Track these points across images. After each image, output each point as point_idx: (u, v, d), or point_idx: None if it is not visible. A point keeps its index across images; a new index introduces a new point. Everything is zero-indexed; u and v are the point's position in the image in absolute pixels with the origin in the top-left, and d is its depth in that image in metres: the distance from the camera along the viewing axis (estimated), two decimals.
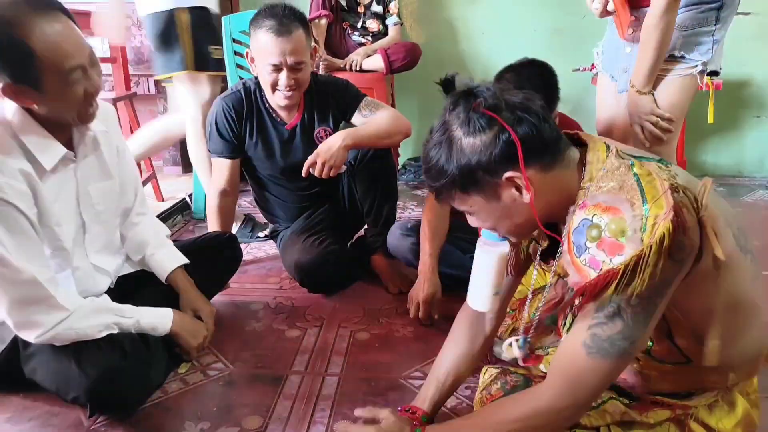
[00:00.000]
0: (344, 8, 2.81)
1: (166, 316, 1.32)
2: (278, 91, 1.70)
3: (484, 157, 0.81)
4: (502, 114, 0.81)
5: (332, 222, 1.95)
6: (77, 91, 1.12)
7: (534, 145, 0.81)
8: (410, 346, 1.48)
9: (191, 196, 2.60)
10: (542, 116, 0.83)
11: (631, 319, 0.77)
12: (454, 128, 0.84)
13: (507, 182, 0.83)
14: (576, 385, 0.81)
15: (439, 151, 0.85)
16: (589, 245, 0.77)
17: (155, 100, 3.18)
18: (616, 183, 0.79)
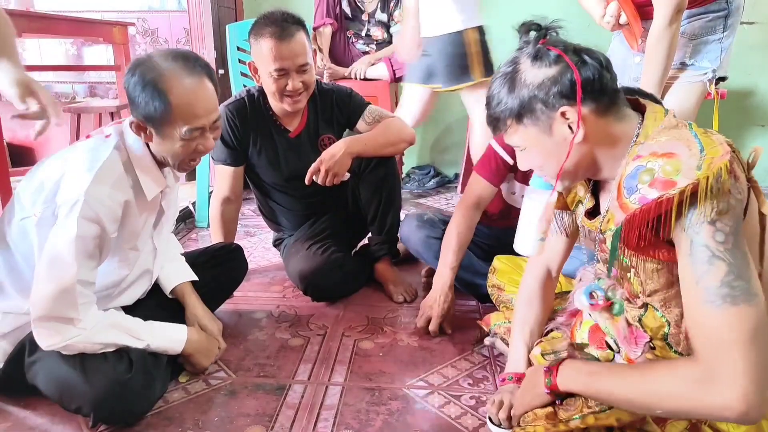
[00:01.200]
0: (348, 17, 2.82)
1: (179, 340, 1.31)
2: (286, 97, 1.69)
3: (545, 89, 0.86)
4: (568, 53, 0.86)
5: (336, 230, 1.94)
6: (190, 146, 1.20)
7: (593, 87, 0.85)
8: (414, 356, 1.47)
9: (194, 204, 2.60)
10: (605, 65, 0.87)
11: (730, 255, 0.73)
12: (522, 60, 0.89)
13: (561, 117, 0.86)
14: (730, 350, 0.72)
15: (504, 81, 0.90)
16: (640, 186, 0.79)
17: None
18: (673, 136, 0.80)
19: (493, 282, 1.53)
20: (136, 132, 1.20)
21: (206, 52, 2.85)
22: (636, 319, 0.92)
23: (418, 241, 1.74)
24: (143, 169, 1.23)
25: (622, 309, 0.93)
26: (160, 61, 1.14)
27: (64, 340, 1.13)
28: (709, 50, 1.54)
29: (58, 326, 1.12)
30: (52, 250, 1.10)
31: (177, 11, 3.23)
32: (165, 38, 3.31)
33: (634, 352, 0.94)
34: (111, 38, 2.63)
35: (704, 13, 1.53)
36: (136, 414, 1.20)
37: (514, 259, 1.53)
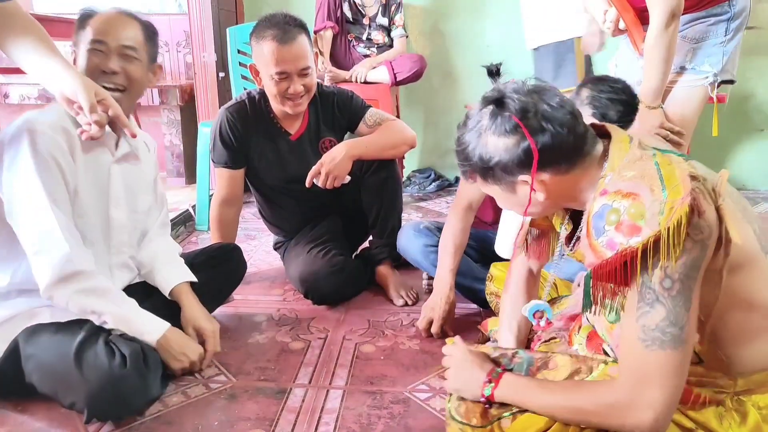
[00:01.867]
0: (349, 20, 2.83)
1: (159, 328, 1.29)
2: (287, 100, 1.69)
3: (504, 158, 0.87)
4: (528, 121, 0.85)
5: (337, 233, 1.94)
6: (92, 59, 1.25)
7: (552, 154, 0.86)
8: (416, 359, 1.46)
9: (194, 207, 2.59)
10: (568, 125, 0.86)
11: (671, 302, 0.78)
12: (485, 123, 0.89)
13: (522, 182, 0.89)
14: (648, 383, 0.80)
15: (469, 137, 0.91)
16: (607, 228, 0.81)
17: (159, 110, 3.19)
18: (637, 171, 0.82)
19: (490, 289, 1.53)
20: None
21: (207, 55, 2.84)
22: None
23: (416, 251, 1.74)
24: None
25: (618, 317, 0.93)
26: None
27: (59, 276, 1.15)
28: (710, 54, 1.55)
29: (50, 258, 1.15)
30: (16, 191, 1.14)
31: (177, 14, 3.24)
32: (165, 41, 3.31)
33: None
34: None
35: (706, 17, 1.54)
36: (131, 409, 1.19)
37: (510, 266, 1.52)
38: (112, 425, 1.19)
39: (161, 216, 1.53)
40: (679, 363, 0.80)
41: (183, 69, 3.34)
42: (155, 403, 1.26)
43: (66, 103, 1.12)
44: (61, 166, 1.19)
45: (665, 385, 0.80)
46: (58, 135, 1.18)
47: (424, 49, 3.22)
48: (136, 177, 1.40)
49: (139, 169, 1.41)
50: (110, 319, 1.22)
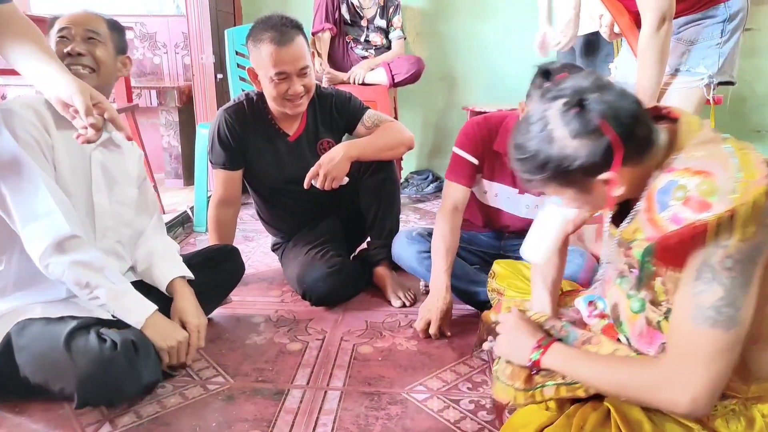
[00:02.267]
0: (348, 22, 2.83)
1: (147, 309, 1.29)
2: (287, 101, 1.69)
3: (587, 160, 0.84)
4: (607, 119, 0.82)
5: (335, 234, 1.94)
6: (59, 47, 1.29)
7: (631, 149, 0.83)
8: (413, 360, 1.46)
9: (192, 208, 2.59)
10: (638, 116, 0.85)
11: (730, 283, 0.76)
12: (555, 126, 0.85)
13: (600, 182, 0.86)
14: (694, 363, 0.79)
15: (536, 145, 0.87)
16: (672, 203, 0.78)
17: (157, 112, 3.19)
18: (709, 152, 0.80)
19: (493, 286, 1.52)
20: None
21: (205, 56, 2.85)
22: (655, 321, 0.93)
23: (410, 258, 1.74)
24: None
25: (643, 307, 0.94)
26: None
27: (52, 239, 1.17)
28: (705, 55, 1.55)
29: (42, 226, 1.17)
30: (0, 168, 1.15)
31: (175, 15, 3.25)
32: (163, 42, 3.32)
33: (648, 352, 0.94)
34: None
35: (701, 19, 1.54)
36: (121, 394, 1.19)
37: (514, 264, 1.53)
38: (109, 426, 1.19)
39: (154, 219, 1.54)
40: (728, 346, 0.78)
41: (181, 70, 3.34)
42: (152, 404, 1.26)
43: (62, 107, 1.13)
44: (39, 142, 1.20)
45: (709, 366, 0.78)
46: (29, 113, 1.20)
47: (422, 50, 3.23)
48: (117, 166, 1.40)
49: (120, 159, 1.41)
50: (103, 294, 1.22)
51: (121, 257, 1.43)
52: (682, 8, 1.50)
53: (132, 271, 1.47)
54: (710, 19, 1.52)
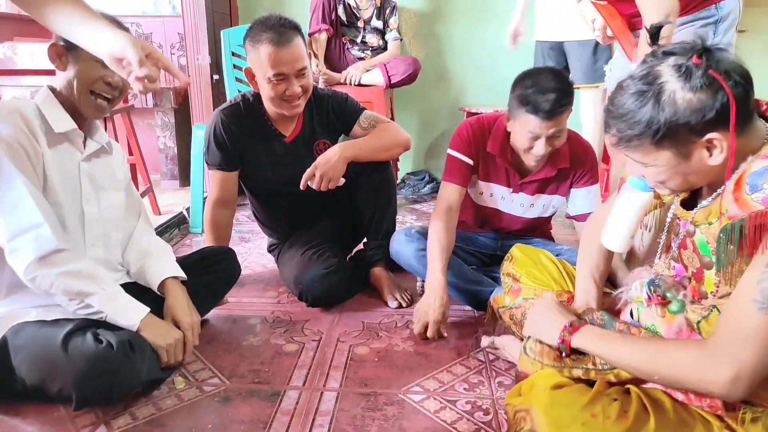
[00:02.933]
0: (344, 23, 2.83)
1: (141, 311, 1.29)
2: (285, 102, 1.69)
3: (697, 116, 0.80)
4: (722, 75, 0.80)
5: (331, 235, 1.94)
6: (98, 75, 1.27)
7: (743, 110, 0.81)
8: (410, 361, 1.46)
9: (188, 209, 2.58)
10: (748, 79, 0.83)
11: None
12: (668, 79, 0.82)
13: (705, 143, 0.82)
14: (744, 344, 0.78)
15: (643, 100, 0.83)
16: (766, 186, 0.78)
17: (153, 113, 3.19)
18: None
19: (508, 270, 1.48)
20: (54, 58, 1.25)
21: (201, 57, 2.84)
22: (696, 321, 0.92)
23: (409, 255, 1.73)
24: (48, 108, 1.26)
25: (682, 308, 0.94)
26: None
27: (37, 254, 1.16)
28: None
29: (27, 240, 1.16)
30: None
31: (171, 16, 3.24)
32: (159, 43, 3.31)
33: None
34: None
35: (693, 20, 1.54)
36: (118, 393, 1.19)
37: (535, 252, 1.48)
38: (105, 428, 1.18)
39: (141, 220, 1.53)
40: None
41: None
42: (148, 406, 1.26)
43: (116, 63, 1.07)
44: (26, 149, 1.19)
45: (760, 351, 0.77)
46: (17, 119, 1.20)
47: (418, 51, 3.23)
48: (106, 173, 1.40)
49: (108, 166, 1.41)
50: (97, 300, 1.22)
51: (111, 265, 1.41)
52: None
53: (125, 273, 1.46)
54: (702, 20, 1.53)
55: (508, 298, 1.40)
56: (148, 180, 2.68)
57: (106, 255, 1.39)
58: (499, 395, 1.29)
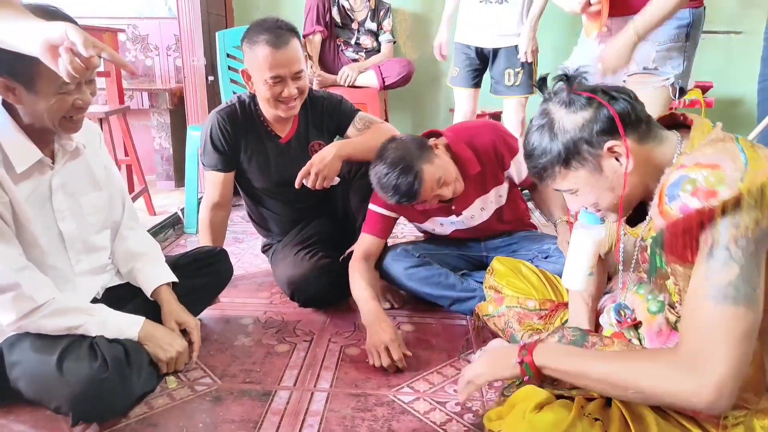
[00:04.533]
0: (339, 24, 2.84)
1: (136, 322, 1.30)
2: (281, 103, 1.69)
3: (587, 131, 0.90)
4: (597, 94, 0.91)
5: (325, 235, 1.94)
6: (66, 101, 1.15)
7: (629, 118, 0.89)
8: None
9: (183, 210, 2.59)
10: (633, 96, 0.91)
11: (745, 261, 0.76)
12: (555, 110, 0.93)
13: (608, 153, 0.89)
14: (712, 342, 0.76)
15: (541, 133, 0.94)
16: (681, 194, 0.80)
17: (149, 114, 3.19)
18: (718, 149, 0.82)
19: (490, 283, 1.51)
20: (4, 94, 1.14)
21: (196, 59, 2.85)
22: (673, 321, 0.95)
23: (398, 275, 1.72)
24: (7, 140, 1.17)
25: (661, 308, 0.95)
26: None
27: (16, 317, 1.16)
28: (671, 57, 1.60)
29: (6, 300, 1.15)
30: None
31: (167, 18, 3.25)
32: (155, 44, 3.32)
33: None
34: None
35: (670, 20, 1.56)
36: (113, 411, 1.20)
37: (514, 262, 1.52)
38: (97, 426, 1.19)
39: (127, 208, 1.48)
40: (750, 326, 0.76)
41: (173, 73, 3.34)
42: (140, 405, 1.26)
43: (50, 52, 0.97)
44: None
45: (734, 348, 0.75)
46: None
47: (412, 53, 3.25)
48: (82, 175, 1.33)
49: (83, 166, 1.34)
50: (89, 328, 1.22)
51: (98, 269, 1.40)
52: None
53: (115, 273, 1.46)
54: (677, 21, 1.56)
55: (491, 307, 1.43)
56: (144, 181, 2.69)
57: (92, 264, 1.37)
58: (489, 397, 1.30)
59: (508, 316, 1.35)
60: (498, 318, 1.38)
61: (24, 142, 1.19)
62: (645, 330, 0.99)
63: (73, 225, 1.31)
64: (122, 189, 1.49)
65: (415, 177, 1.47)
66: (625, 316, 1.03)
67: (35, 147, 1.21)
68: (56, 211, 1.27)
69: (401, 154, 1.50)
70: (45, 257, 1.25)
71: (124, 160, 2.73)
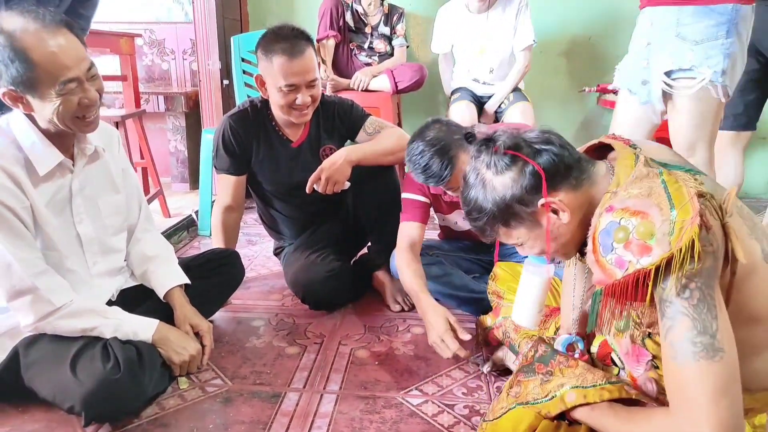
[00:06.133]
0: (352, 29, 2.86)
1: (150, 324, 1.32)
2: (294, 110, 1.71)
3: (517, 191, 0.90)
4: (522, 150, 0.89)
5: (336, 238, 1.96)
6: (72, 101, 1.17)
7: (557, 171, 0.89)
8: (410, 364, 1.48)
9: (197, 212, 2.62)
10: (560, 144, 0.91)
11: (693, 310, 0.76)
12: (484, 171, 0.93)
13: (543, 208, 0.89)
14: (691, 402, 0.76)
15: (475, 193, 0.95)
16: (616, 246, 0.80)
17: (164, 117, 3.23)
18: (644, 189, 0.83)
19: (492, 288, 1.54)
20: (13, 104, 1.17)
21: (211, 62, 2.89)
22: (640, 338, 0.94)
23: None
24: (28, 144, 1.20)
25: (627, 326, 0.95)
26: (8, 23, 1.11)
27: (34, 319, 1.19)
28: (710, 56, 1.50)
29: (25, 302, 1.18)
30: None
31: (184, 22, 3.29)
32: (171, 48, 3.36)
33: (637, 370, 0.95)
34: (118, 49, 2.67)
35: (708, 13, 1.49)
36: (125, 412, 1.22)
37: (515, 267, 1.53)
38: (109, 426, 1.21)
39: (143, 211, 1.51)
40: (723, 376, 0.75)
41: (188, 76, 3.39)
42: (151, 406, 1.28)
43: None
44: (13, 208, 1.16)
45: (715, 403, 0.74)
46: (2, 178, 1.15)
47: (425, 57, 3.25)
48: (100, 178, 1.36)
49: (102, 169, 1.37)
50: (104, 331, 1.25)
51: (114, 271, 1.42)
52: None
53: (129, 276, 1.49)
54: (716, 17, 1.48)
55: (489, 319, 1.44)
56: (159, 183, 2.72)
57: (108, 265, 1.40)
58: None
59: (505, 326, 1.35)
60: (497, 329, 1.39)
61: (45, 145, 1.22)
62: (617, 349, 0.99)
63: (90, 227, 1.34)
64: (139, 192, 1.51)
65: (449, 161, 1.47)
66: (575, 351, 1.06)
67: (56, 150, 1.24)
68: (75, 214, 1.30)
69: (441, 135, 1.49)
70: (63, 260, 1.28)
71: (140, 162, 2.77)
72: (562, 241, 0.93)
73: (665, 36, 1.55)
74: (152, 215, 1.58)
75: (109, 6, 3.16)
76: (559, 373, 1.00)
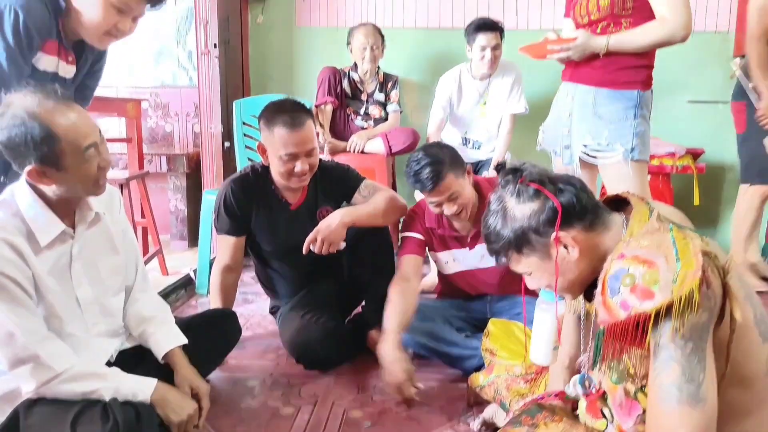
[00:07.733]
0: (349, 96, 3.00)
1: (149, 384, 1.33)
2: (293, 177, 1.80)
3: (534, 222, 0.98)
4: (546, 186, 0.98)
5: (331, 298, 2.00)
6: (92, 166, 1.25)
7: (575, 210, 0.96)
8: (402, 425, 1.50)
9: (195, 271, 2.66)
10: (579, 187, 0.99)
11: (685, 359, 0.82)
12: (507, 199, 1.01)
13: (555, 242, 0.96)
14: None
15: (495, 219, 1.02)
16: (622, 289, 0.86)
17: (166, 176, 3.33)
18: (654, 242, 0.89)
19: (486, 345, 1.58)
20: (38, 180, 1.22)
21: (213, 126, 3.00)
22: (633, 392, 0.98)
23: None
24: (32, 216, 1.24)
25: (621, 379, 0.99)
26: (24, 103, 1.18)
27: (36, 385, 1.20)
28: (622, 135, 1.65)
29: (26, 370, 1.19)
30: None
31: (188, 87, 3.44)
32: (176, 112, 3.50)
33: (627, 423, 0.98)
34: (125, 113, 2.78)
35: (619, 100, 1.66)
36: None
37: (508, 325, 1.59)
38: None
39: (139, 271, 1.54)
40: (701, 423, 0.80)
41: (191, 138, 3.50)
42: None
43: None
44: (16, 279, 1.19)
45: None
46: (4, 249, 1.18)
47: (418, 122, 3.38)
48: (100, 240, 1.39)
49: (102, 231, 1.40)
50: (103, 393, 1.26)
51: (115, 334, 1.45)
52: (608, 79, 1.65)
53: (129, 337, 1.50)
54: (626, 101, 1.65)
55: (482, 377, 1.47)
56: (158, 242, 2.78)
57: (108, 326, 1.42)
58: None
59: (497, 384, 1.39)
60: (488, 387, 1.42)
61: (48, 216, 1.27)
62: (610, 401, 1.03)
63: (89, 290, 1.36)
64: (136, 252, 1.55)
65: (437, 175, 1.67)
66: (590, 387, 1.08)
67: (58, 219, 1.29)
68: (74, 278, 1.33)
69: (440, 153, 1.71)
70: (63, 325, 1.30)
71: (141, 222, 2.83)
72: (569, 277, 0.99)
73: (585, 113, 1.71)
74: (148, 275, 1.61)
75: (118, 70, 3.32)
76: (543, 426, 1.04)
